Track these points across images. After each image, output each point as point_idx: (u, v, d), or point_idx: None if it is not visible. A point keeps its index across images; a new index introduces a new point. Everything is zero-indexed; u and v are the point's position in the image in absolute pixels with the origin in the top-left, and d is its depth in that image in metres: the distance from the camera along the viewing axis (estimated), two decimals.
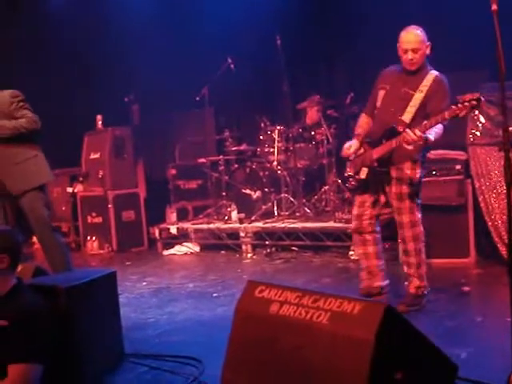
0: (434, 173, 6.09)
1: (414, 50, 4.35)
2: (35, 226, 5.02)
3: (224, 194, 8.09)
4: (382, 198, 4.58)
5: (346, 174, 4.73)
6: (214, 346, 3.76)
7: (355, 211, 4.66)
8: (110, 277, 3.67)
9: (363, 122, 4.74)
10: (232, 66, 7.94)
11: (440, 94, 4.34)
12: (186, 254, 7.87)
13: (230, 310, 4.53)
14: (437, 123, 4.06)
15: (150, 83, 8.72)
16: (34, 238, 9.09)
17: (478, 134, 5.89)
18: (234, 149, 8.38)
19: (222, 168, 8.20)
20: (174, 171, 9.05)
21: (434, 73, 4.41)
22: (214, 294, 5.53)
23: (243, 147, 8.38)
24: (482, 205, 5.85)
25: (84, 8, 9.25)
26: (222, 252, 7.69)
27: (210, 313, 4.88)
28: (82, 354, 3.37)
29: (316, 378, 2.31)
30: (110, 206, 8.42)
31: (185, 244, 8.02)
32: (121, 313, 3.88)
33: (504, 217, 5.64)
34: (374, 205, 4.59)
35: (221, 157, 8.29)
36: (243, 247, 7.48)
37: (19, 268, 3.30)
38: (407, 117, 4.35)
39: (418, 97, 4.36)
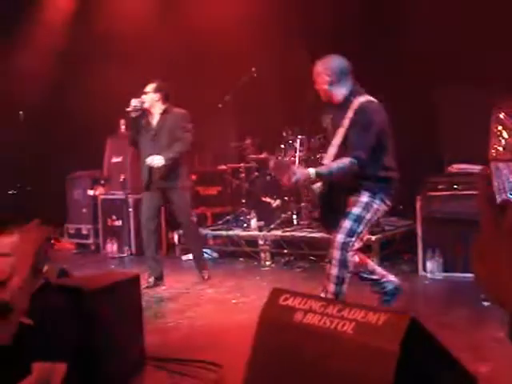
0: (455, 187, 6.09)
1: (315, 81, 4.37)
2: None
3: (244, 201, 8.13)
4: None
5: None
6: (234, 352, 3.79)
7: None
8: (133, 280, 3.72)
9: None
10: (255, 75, 7.99)
11: (358, 125, 4.14)
12: None
13: (250, 317, 4.57)
14: None
15: (173, 88, 8.79)
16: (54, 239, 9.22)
17: (500, 149, 5.84)
18: (254, 157, 8.42)
19: (242, 175, 8.24)
20: (193, 177, 9.11)
21: (360, 100, 4.21)
22: (233, 301, 5.56)
23: (264, 155, 8.42)
24: None
25: (106, 15, 9.40)
26: (241, 259, 7.72)
27: (230, 319, 4.91)
28: (104, 355, 3.41)
29: None
30: (130, 209, 8.49)
31: (203, 250, 8.05)
32: None
33: None
34: None
35: (242, 164, 8.33)
36: (262, 255, 7.49)
37: (45, 268, 3.35)
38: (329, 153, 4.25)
39: (340, 132, 4.24)
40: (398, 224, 7.55)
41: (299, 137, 7.81)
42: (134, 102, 6.11)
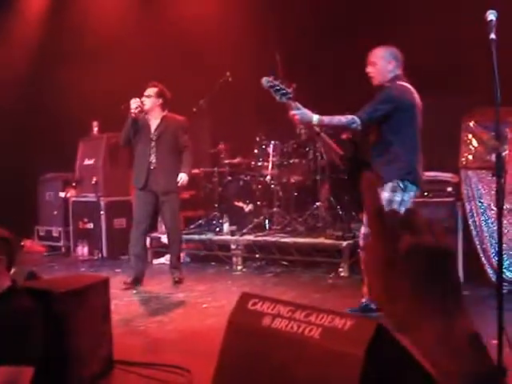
0: (425, 194, 6.16)
1: (370, 63, 4.71)
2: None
3: (216, 205, 8.13)
4: None
5: None
6: (203, 357, 3.78)
7: (365, 230, 4.70)
8: (103, 283, 3.70)
9: None
10: (230, 79, 7.99)
11: (377, 97, 4.59)
12: None
13: (220, 321, 4.56)
14: None
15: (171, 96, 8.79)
16: (24, 241, 9.13)
17: (470, 157, 5.96)
18: (228, 161, 8.43)
19: (215, 180, 8.25)
20: None
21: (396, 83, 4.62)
22: (204, 305, 5.56)
23: (237, 160, 8.43)
24: (472, 228, 5.91)
25: (82, 12, 9.36)
26: (212, 263, 7.71)
27: (200, 323, 4.91)
28: (73, 358, 3.39)
29: None
30: (102, 212, 8.44)
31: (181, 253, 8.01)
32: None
33: (493, 240, 5.71)
34: None
35: (215, 168, 8.33)
36: (234, 259, 7.50)
37: (12, 271, 3.32)
38: None
39: None
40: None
41: (272, 142, 7.84)
42: (136, 104, 6.19)
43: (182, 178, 6.29)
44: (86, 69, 8.89)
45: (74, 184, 8.99)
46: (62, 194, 9.09)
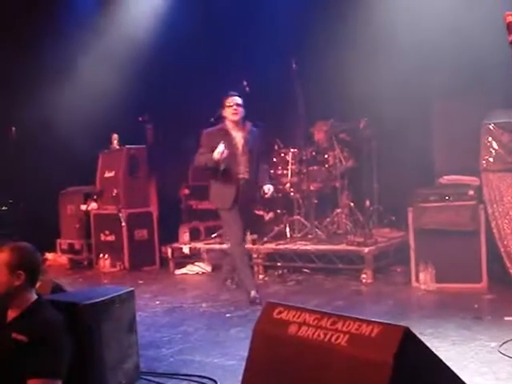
0: (447, 198, 6.12)
1: None
2: None
3: None
4: None
5: None
6: (229, 366, 3.81)
7: None
8: (128, 295, 3.72)
9: None
10: (247, 88, 8.00)
11: None
12: (197, 273, 7.89)
13: (244, 331, 4.60)
14: None
15: (164, 103, 8.81)
16: (47, 255, 9.21)
17: (490, 160, 5.92)
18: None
19: None
20: (186, 191, 9.11)
21: None
22: (227, 315, 5.56)
23: None
24: (495, 230, 5.86)
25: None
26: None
27: (224, 333, 4.91)
28: (99, 370, 3.41)
29: None
30: (123, 224, 8.48)
31: (197, 264, 8.03)
32: None
33: None
34: None
35: None
36: (255, 268, 7.48)
37: (37, 285, 3.34)
38: None
39: None
40: (391, 236, 7.58)
41: (291, 150, 7.84)
42: (222, 151, 5.81)
43: (271, 189, 6.19)
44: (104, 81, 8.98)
45: (94, 197, 9.05)
46: (83, 207, 9.14)
